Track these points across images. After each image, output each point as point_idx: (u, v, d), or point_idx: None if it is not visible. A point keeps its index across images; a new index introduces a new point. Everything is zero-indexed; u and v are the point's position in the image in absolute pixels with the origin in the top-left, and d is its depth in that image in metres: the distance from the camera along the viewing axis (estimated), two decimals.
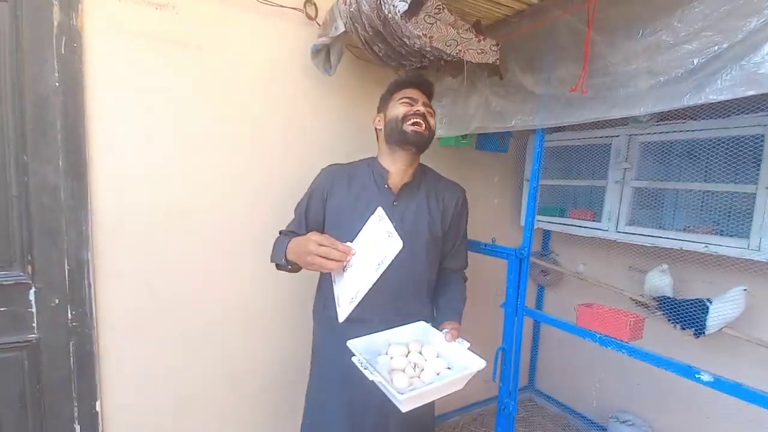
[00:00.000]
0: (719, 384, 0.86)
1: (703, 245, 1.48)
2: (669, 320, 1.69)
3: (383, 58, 1.39)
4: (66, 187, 1.18)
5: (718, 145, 1.47)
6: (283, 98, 1.48)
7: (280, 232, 1.24)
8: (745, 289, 1.55)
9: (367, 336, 1.00)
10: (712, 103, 0.88)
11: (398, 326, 1.05)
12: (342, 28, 1.29)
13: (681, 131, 1.54)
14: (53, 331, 1.21)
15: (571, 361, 2.34)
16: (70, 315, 1.23)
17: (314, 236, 1.00)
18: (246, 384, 1.54)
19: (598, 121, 1.15)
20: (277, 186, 1.50)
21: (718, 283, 1.70)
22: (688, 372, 0.90)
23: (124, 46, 1.21)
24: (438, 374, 0.91)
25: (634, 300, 1.90)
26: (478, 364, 0.90)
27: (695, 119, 1.49)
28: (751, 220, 1.38)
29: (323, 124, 1.58)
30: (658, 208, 1.76)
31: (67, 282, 1.21)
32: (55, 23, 1.15)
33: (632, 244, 1.83)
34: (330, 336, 1.20)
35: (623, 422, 2.01)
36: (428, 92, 1.21)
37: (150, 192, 1.29)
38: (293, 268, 1.13)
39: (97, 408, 1.27)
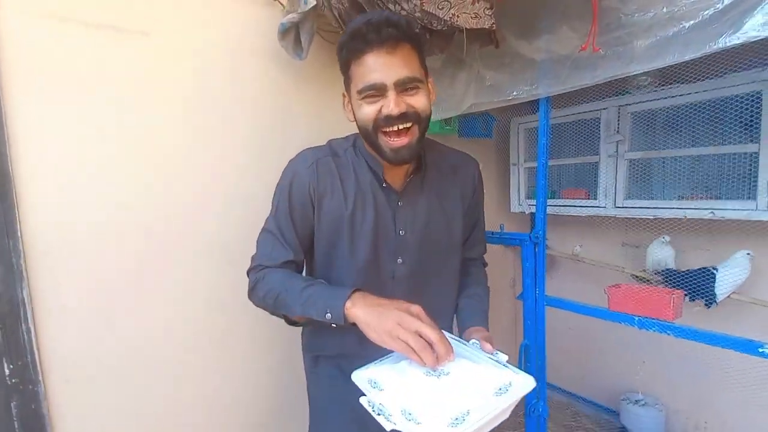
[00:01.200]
0: None
1: (709, 211, 1.43)
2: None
3: None
4: None
5: (712, 107, 1.43)
6: (250, 88, 1.29)
7: (256, 266, 0.89)
8: (748, 253, 1.52)
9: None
10: (705, 65, 0.81)
11: None
12: (313, 2, 1.13)
13: (673, 96, 1.49)
14: None
15: (572, 347, 2.27)
16: (7, 370, 0.98)
17: (416, 308, 0.71)
18: (241, 420, 1.33)
19: (583, 95, 1.07)
20: (252, 189, 1.31)
21: (715, 250, 1.68)
22: (749, 347, 0.81)
23: (50, 33, 0.99)
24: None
25: (635, 276, 1.84)
26: (527, 382, 0.65)
27: (688, 83, 1.44)
28: (756, 181, 1.34)
29: (299, 116, 1.40)
30: (651, 180, 1.72)
31: None
32: None
33: (625, 220, 1.78)
34: (332, 380, 0.95)
35: (635, 402, 1.96)
36: (401, 43, 0.75)
37: (95, 208, 1.06)
38: (313, 323, 0.83)
39: None
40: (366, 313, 0.71)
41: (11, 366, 0.99)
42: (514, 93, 1.16)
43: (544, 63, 1.08)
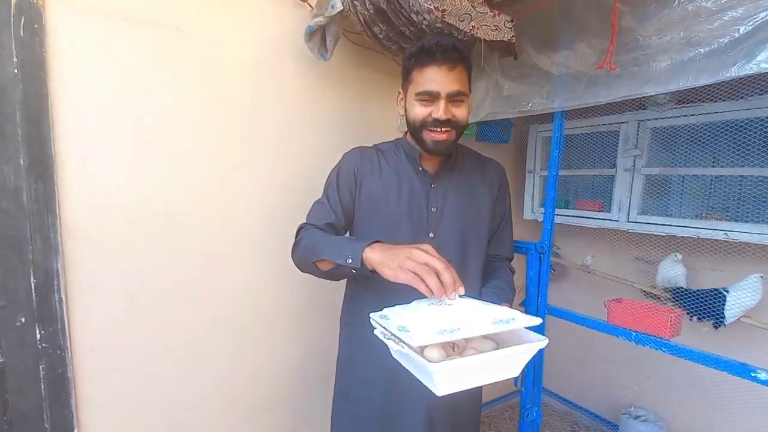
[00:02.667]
0: None
1: (722, 232, 1.42)
2: (685, 312, 1.63)
3: (383, 41, 1.28)
4: (29, 189, 1.03)
5: (734, 128, 1.41)
6: (275, 87, 1.35)
7: (304, 225, 1.04)
8: (762, 276, 1.50)
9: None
10: (730, 86, 0.81)
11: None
12: (339, 7, 1.17)
13: (693, 115, 1.47)
14: (20, 355, 1.05)
15: (576, 358, 2.27)
16: (38, 335, 1.07)
17: (426, 246, 0.79)
18: (246, 401, 1.40)
19: (604, 108, 1.08)
20: (272, 182, 1.37)
21: (729, 271, 1.66)
22: (743, 371, 0.82)
23: (93, 27, 1.06)
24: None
25: (644, 292, 1.84)
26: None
27: (708, 102, 1.42)
28: None
29: (320, 116, 1.45)
30: (667, 196, 1.70)
31: (34, 297, 1.05)
32: (13, 2, 1.00)
33: (639, 234, 1.77)
34: (361, 348, 1.06)
35: (636, 418, 1.96)
36: (459, 64, 0.91)
37: (127, 192, 1.14)
38: (338, 273, 0.91)
39: None
40: (381, 254, 0.80)
41: (42, 331, 1.07)
42: (530, 105, 1.18)
43: (561, 77, 1.10)
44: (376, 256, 0.80)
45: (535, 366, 1.22)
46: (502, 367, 0.67)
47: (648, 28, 0.91)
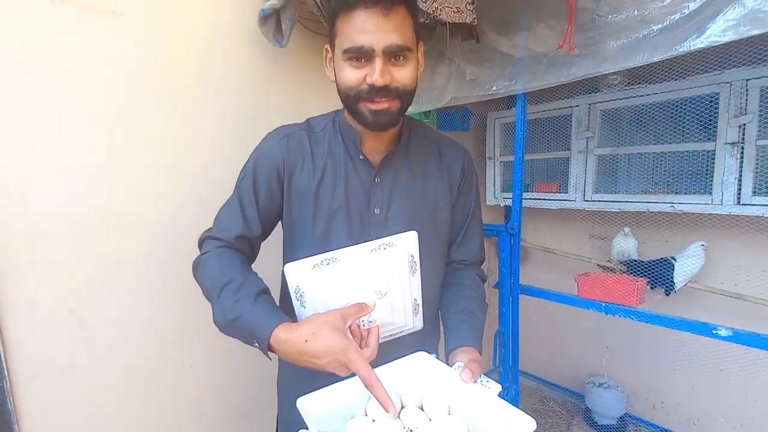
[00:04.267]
0: (737, 337, 0.85)
1: (670, 205, 1.53)
2: (647, 280, 1.73)
3: None
4: None
5: (676, 106, 1.51)
6: (226, 76, 1.26)
7: (206, 239, 0.83)
8: (702, 245, 1.63)
9: (329, 388, 0.64)
10: (671, 65, 0.86)
11: (386, 363, 0.68)
12: None
13: (640, 96, 1.56)
14: None
15: (542, 336, 2.37)
16: None
17: (352, 353, 0.60)
18: (217, 413, 1.31)
19: (556, 92, 1.11)
20: (227, 181, 1.28)
21: (673, 241, 1.79)
22: (705, 329, 0.88)
23: (16, 7, 0.93)
24: None
25: (601, 266, 1.94)
26: (523, 425, 0.54)
27: (654, 83, 1.52)
28: (712, 177, 1.44)
29: (275, 107, 1.38)
30: (617, 175, 1.81)
31: None
32: None
33: (593, 213, 1.87)
34: (295, 379, 0.89)
35: (599, 386, 2.07)
36: (397, 6, 0.67)
37: (64, 195, 1.01)
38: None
39: None
40: (286, 351, 0.65)
41: None
42: (494, 88, 1.19)
43: (522, 60, 1.11)
44: (287, 357, 0.65)
45: (512, 346, 1.24)
46: None
47: (603, 8, 0.95)
